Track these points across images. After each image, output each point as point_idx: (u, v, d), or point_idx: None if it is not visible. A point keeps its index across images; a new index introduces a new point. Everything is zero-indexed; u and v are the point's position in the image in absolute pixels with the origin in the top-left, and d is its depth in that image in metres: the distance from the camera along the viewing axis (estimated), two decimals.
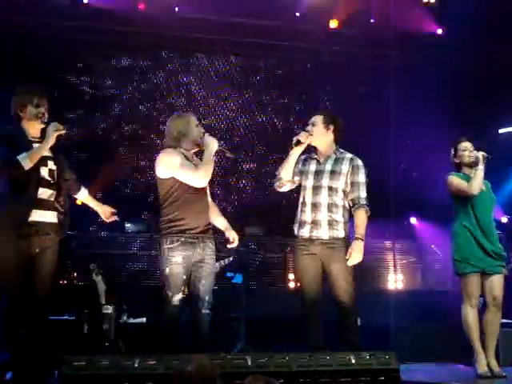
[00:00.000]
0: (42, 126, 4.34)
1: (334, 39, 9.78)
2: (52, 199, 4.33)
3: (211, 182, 4.62)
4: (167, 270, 4.28)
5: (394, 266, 9.13)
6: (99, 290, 6.08)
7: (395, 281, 9.09)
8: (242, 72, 10.28)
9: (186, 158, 4.41)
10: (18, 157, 4.14)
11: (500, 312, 4.88)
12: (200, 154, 4.54)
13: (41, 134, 4.36)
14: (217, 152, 4.47)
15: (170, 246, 4.29)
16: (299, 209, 4.64)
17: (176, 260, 4.27)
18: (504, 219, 8.14)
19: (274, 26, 9.63)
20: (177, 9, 8.98)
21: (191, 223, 4.34)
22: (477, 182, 4.84)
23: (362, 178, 4.57)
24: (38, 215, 4.24)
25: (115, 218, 4.68)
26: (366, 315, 6.91)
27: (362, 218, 4.52)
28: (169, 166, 4.34)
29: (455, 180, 4.95)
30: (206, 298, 4.37)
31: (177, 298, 4.28)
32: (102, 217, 4.69)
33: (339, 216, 4.52)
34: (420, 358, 6.19)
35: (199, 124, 4.53)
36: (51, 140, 4.26)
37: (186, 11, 9.11)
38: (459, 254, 4.87)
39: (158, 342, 4.27)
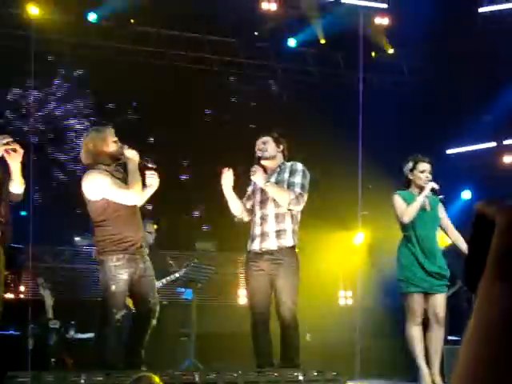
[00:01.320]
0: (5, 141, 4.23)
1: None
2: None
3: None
4: (113, 287, 4.21)
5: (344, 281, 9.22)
6: (46, 304, 5.99)
7: (345, 297, 9.19)
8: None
9: (112, 175, 4.33)
10: None
11: (443, 329, 4.97)
12: (120, 165, 4.47)
13: None
14: (138, 164, 4.40)
15: (116, 263, 4.23)
16: (251, 223, 4.69)
17: (123, 277, 4.23)
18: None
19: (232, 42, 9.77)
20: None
21: (132, 239, 4.30)
22: (410, 212, 4.89)
23: (298, 179, 4.61)
24: None
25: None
26: (317, 331, 7.00)
27: (284, 189, 4.55)
28: (98, 188, 4.26)
29: (397, 202, 4.99)
30: (156, 308, 4.37)
31: (120, 314, 4.29)
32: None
33: (287, 225, 4.58)
34: (367, 374, 6.27)
35: (116, 138, 4.44)
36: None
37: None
38: (403, 274, 4.95)
39: (103, 359, 4.22)
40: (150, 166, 4.50)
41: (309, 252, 7.76)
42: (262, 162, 4.64)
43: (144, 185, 4.46)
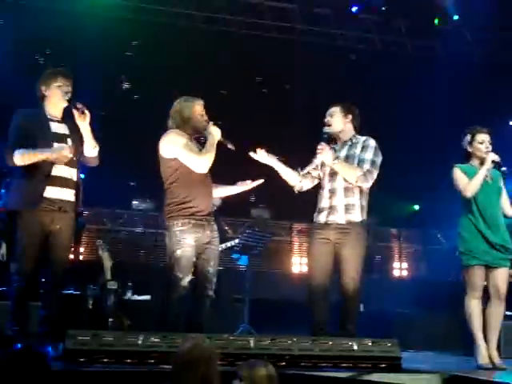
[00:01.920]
0: (65, 104, 4.35)
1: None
2: (69, 177, 4.34)
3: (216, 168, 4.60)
4: (179, 252, 4.25)
5: (400, 254, 9.15)
6: (105, 265, 6.12)
7: (400, 269, 9.11)
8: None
9: (189, 140, 4.39)
10: (16, 150, 4.17)
11: (503, 304, 4.87)
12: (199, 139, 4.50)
13: (63, 114, 4.39)
14: (218, 142, 4.41)
15: (181, 228, 4.26)
16: (318, 196, 4.67)
17: (188, 242, 4.25)
18: None
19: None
20: None
21: (199, 205, 4.33)
22: (473, 185, 4.78)
23: (368, 155, 4.58)
24: (55, 192, 4.26)
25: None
26: (370, 302, 6.97)
27: (352, 166, 4.53)
28: (174, 145, 4.31)
29: (457, 175, 4.89)
30: (214, 280, 4.39)
31: (186, 279, 4.27)
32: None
33: (355, 200, 4.55)
34: (422, 346, 6.22)
35: (204, 111, 4.47)
36: (53, 155, 4.22)
37: None
38: (464, 247, 4.86)
39: (163, 322, 4.27)
40: (229, 146, 4.48)
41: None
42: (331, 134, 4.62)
43: None
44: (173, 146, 4.31)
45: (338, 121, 4.68)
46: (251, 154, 4.62)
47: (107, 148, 4.69)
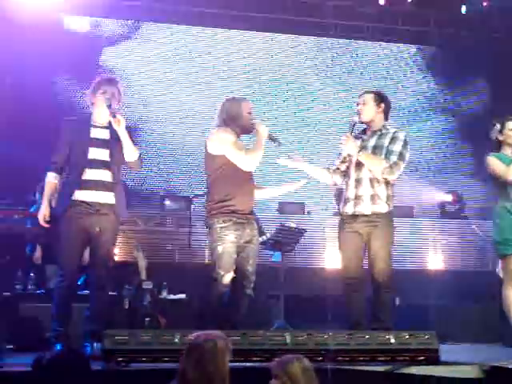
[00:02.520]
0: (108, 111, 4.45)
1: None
2: (103, 179, 4.44)
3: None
4: (220, 248, 4.28)
5: (435, 245, 9.04)
6: (140, 265, 6.16)
7: (435, 260, 9.00)
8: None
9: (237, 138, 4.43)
10: (48, 172, 4.47)
11: None
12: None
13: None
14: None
15: (223, 224, 4.30)
16: (345, 186, 4.66)
17: (230, 239, 4.28)
18: None
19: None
20: None
21: (241, 204, 4.35)
22: None
23: (397, 147, 4.55)
24: (89, 195, 4.38)
25: None
26: (407, 294, 6.91)
27: (377, 158, 4.52)
28: (222, 142, 4.34)
29: (494, 162, 4.83)
30: (252, 278, 4.40)
31: (228, 276, 4.29)
32: None
33: (381, 190, 4.52)
34: (460, 338, 6.16)
35: (251, 110, 4.52)
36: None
37: None
38: (501, 236, 4.78)
39: (203, 319, 4.30)
40: (275, 144, 4.52)
41: None
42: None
43: None
44: (221, 143, 4.35)
45: (370, 109, 4.65)
46: (278, 161, 4.63)
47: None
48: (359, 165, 4.57)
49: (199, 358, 2.64)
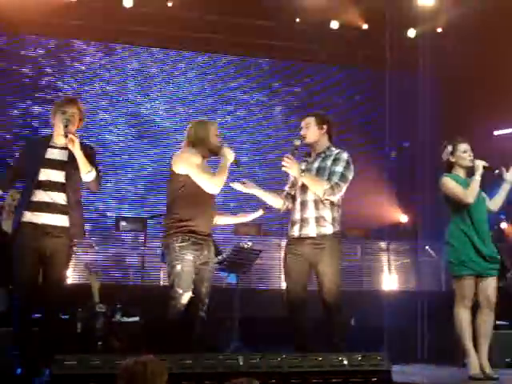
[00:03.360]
0: (69, 130, 4.41)
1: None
2: (52, 201, 4.39)
3: None
4: (178, 267, 4.24)
5: (389, 267, 9.14)
6: (93, 288, 6.07)
7: (389, 281, 9.10)
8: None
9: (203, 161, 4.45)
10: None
11: (493, 313, 4.87)
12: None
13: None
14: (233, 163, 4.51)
15: (181, 244, 4.27)
16: (291, 209, 4.68)
17: (188, 258, 4.26)
18: (504, 225, 8.15)
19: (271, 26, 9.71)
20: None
21: (200, 225, 4.35)
22: (474, 192, 4.81)
23: (339, 168, 4.57)
24: (39, 217, 4.33)
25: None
26: (360, 315, 6.95)
27: (319, 179, 4.54)
28: (188, 163, 4.34)
29: (451, 183, 4.91)
30: (206, 301, 4.38)
31: (186, 296, 4.26)
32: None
33: (326, 212, 4.54)
34: (413, 359, 6.21)
35: (218, 133, 4.55)
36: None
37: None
38: (455, 256, 4.86)
39: (159, 340, 4.25)
40: (237, 165, 4.55)
41: None
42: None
43: None
44: (186, 163, 4.35)
45: (313, 132, 4.69)
46: (231, 184, 4.64)
47: None
48: (304, 187, 4.59)
49: (129, 382, 2.61)
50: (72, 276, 7.63)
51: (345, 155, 4.64)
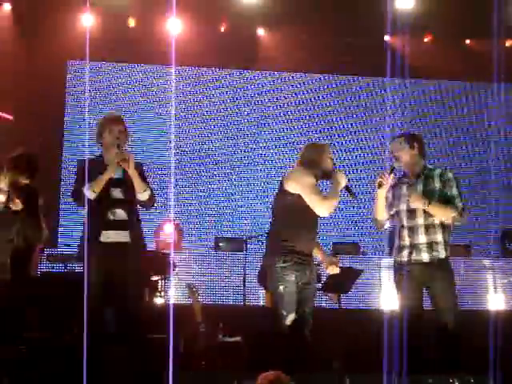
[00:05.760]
0: (116, 150, 4.49)
1: None
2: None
3: None
4: (281, 288, 4.25)
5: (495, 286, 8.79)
6: (195, 308, 6.16)
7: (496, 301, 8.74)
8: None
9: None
10: (83, 188, 4.39)
11: None
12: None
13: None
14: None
15: (283, 265, 4.26)
16: (396, 233, 4.58)
17: (290, 278, 4.25)
18: None
19: None
20: None
21: (303, 245, 4.33)
22: None
23: (454, 190, 4.50)
24: (110, 235, 4.41)
25: None
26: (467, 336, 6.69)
27: (445, 207, 4.43)
28: (302, 182, 4.33)
29: None
30: (310, 321, 4.35)
31: (291, 316, 4.25)
32: None
33: (439, 237, 4.44)
34: None
35: (332, 155, 4.55)
36: (111, 170, 4.41)
37: None
38: None
39: (263, 360, 4.26)
40: (350, 194, 4.54)
41: None
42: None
43: None
44: (300, 182, 4.34)
45: (406, 152, 4.60)
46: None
47: None
48: (411, 212, 4.51)
49: None
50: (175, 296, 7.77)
51: (450, 174, 4.56)
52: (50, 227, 6.00)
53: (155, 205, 4.69)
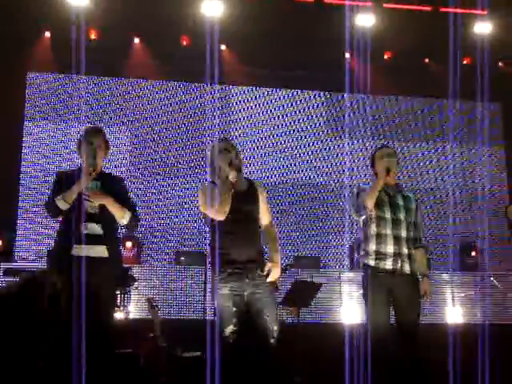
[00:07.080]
0: (97, 162, 4.41)
1: None
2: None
3: None
4: (215, 302, 4.23)
5: (453, 299, 8.91)
6: (154, 322, 6.09)
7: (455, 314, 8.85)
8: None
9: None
10: (55, 198, 4.29)
11: None
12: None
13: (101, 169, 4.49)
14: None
15: (218, 277, 4.21)
16: (374, 240, 4.60)
17: (223, 292, 4.17)
18: None
19: None
20: None
21: (236, 254, 4.19)
22: None
23: (421, 218, 4.73)
24: (84, 249, 4.30)
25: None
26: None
27: (424, 257, 4.66)
28: (199, 201, 4.35)
29: None
30: (276, 328, 4.22)
31: (229, 329, 4.18)
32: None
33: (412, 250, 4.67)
34: None
35: (224, 151, 4.33)
36: (83, 181, 4.33)
37: None
38: None
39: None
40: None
41: None
42: None
43: None
44: (199, 201, 4.38)
45: (394, 166, 4.76)
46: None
47: None
48: (396, 222, 4.62)
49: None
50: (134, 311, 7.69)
51: (419, 202, 4.77)
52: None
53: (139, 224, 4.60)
